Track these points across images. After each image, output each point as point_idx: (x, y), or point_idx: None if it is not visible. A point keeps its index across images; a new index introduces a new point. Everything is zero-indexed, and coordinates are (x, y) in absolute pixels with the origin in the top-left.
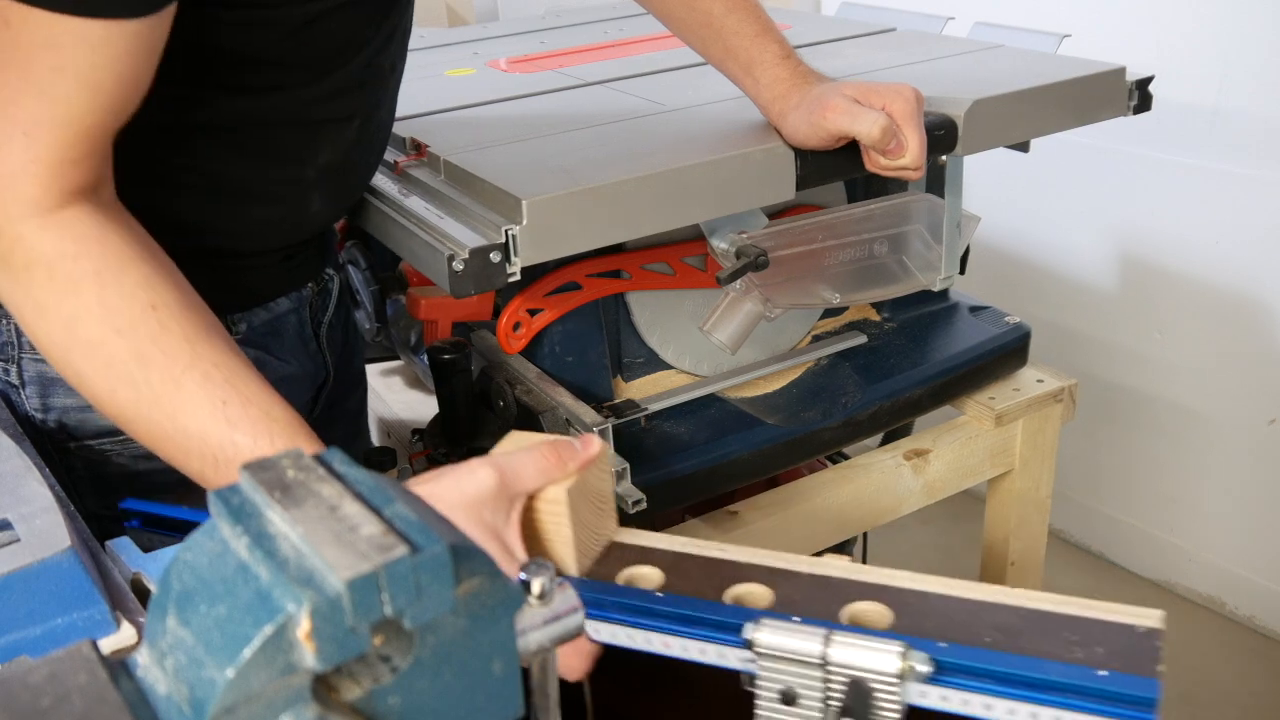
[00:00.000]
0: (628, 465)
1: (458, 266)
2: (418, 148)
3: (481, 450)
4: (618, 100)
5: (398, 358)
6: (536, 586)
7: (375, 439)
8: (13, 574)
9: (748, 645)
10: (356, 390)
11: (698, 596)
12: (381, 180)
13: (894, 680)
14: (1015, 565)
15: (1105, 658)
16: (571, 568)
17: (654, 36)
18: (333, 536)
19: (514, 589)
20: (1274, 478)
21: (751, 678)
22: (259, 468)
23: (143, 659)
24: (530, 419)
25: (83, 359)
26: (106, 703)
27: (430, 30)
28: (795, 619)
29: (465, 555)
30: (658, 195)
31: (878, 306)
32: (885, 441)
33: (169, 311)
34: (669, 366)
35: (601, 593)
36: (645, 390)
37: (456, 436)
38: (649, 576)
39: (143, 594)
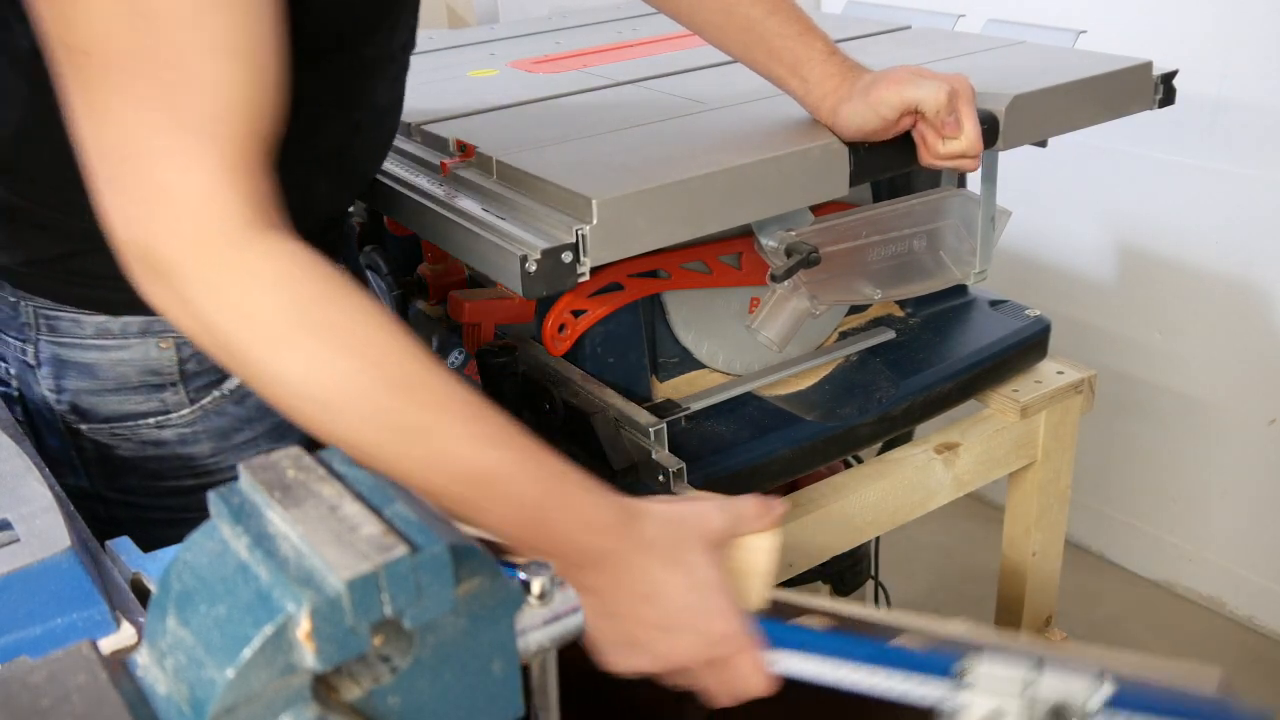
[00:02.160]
0: (684, 465)
1: (530, 268)
2: (464, 149)
3: None
4: (655, 99)
5: None
6: (536, 586)
7: None
8: (13, 574)
9: (959, 675)
10: None
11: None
12: (426, 182)
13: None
14: (1037, 556)
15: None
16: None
17: (671, 36)
18: (333, 536)
19: (514, 589)
20: (1274, 478)
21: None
22: (259, 468)
23: (143, 659)
24: (579, 421)
25: (330, 391)
26: (106, 703)
27: (437, 31)
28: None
29: (465, 555)
30: (721, 193)
31: (901, 302)
32: (886, 448)
33: (408, 337)
34: (702, 366)
35: (788, 630)
36: (680, 390)
37: None
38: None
39: (143, 594)
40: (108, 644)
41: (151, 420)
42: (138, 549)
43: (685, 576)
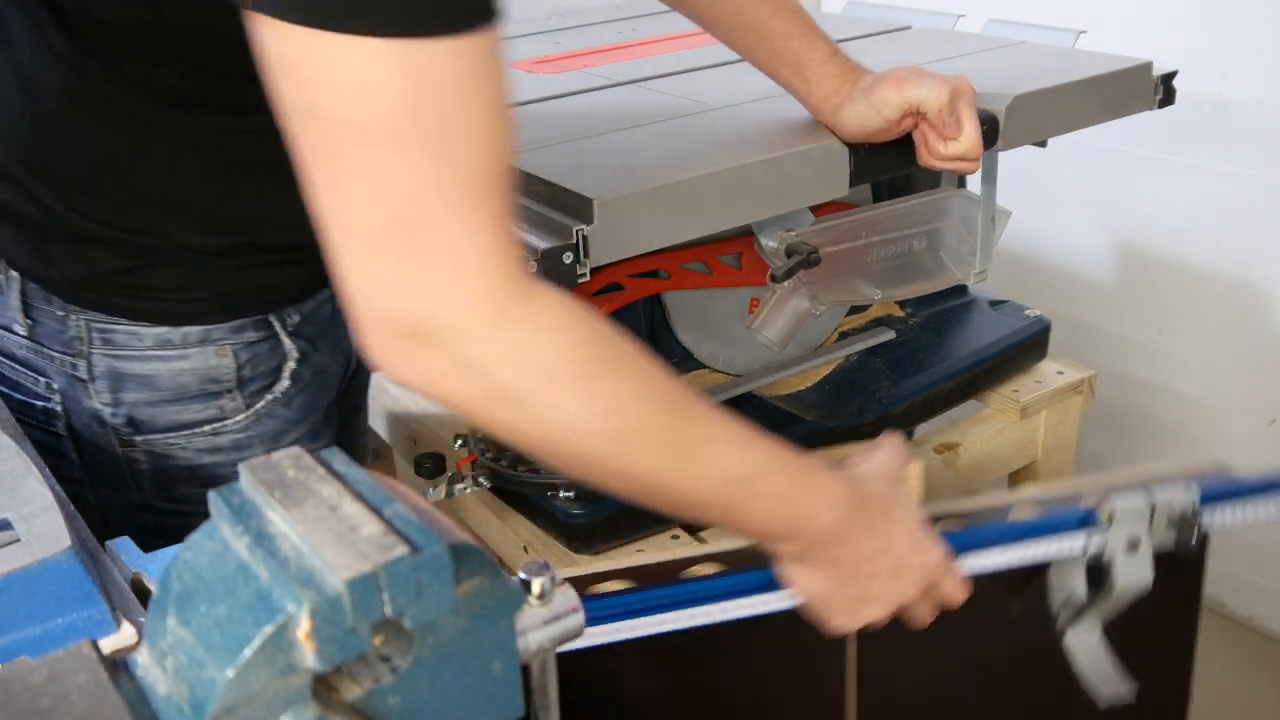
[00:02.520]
0: None
1: (531, 268)
2: None
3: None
4: (656, 100)
5: None
6: (536, 586)
7: (394, 443)
8: (13, 574)
9: (1107, 519)
10: (365, 384)
11: None
12: None
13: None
14: None
15: None
16: None
17: (672, 36)
18: (333, 536)
19: (514, 589)
20: None
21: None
22: (259, 468)
23: (143, 659)
24: None
25: (619, 423)
26: (106, 703)
27: None
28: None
29: (465, 555)
30: (722, 193)
31: (901, 302)
32: None
33: (653, 355)
34: (702, 366)
35: (959, 537)
36: None
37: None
38: None
39: (143, 594)
40: (108, 644)
41: (208, 428)
42: (138, 549)
43: (901, 522)
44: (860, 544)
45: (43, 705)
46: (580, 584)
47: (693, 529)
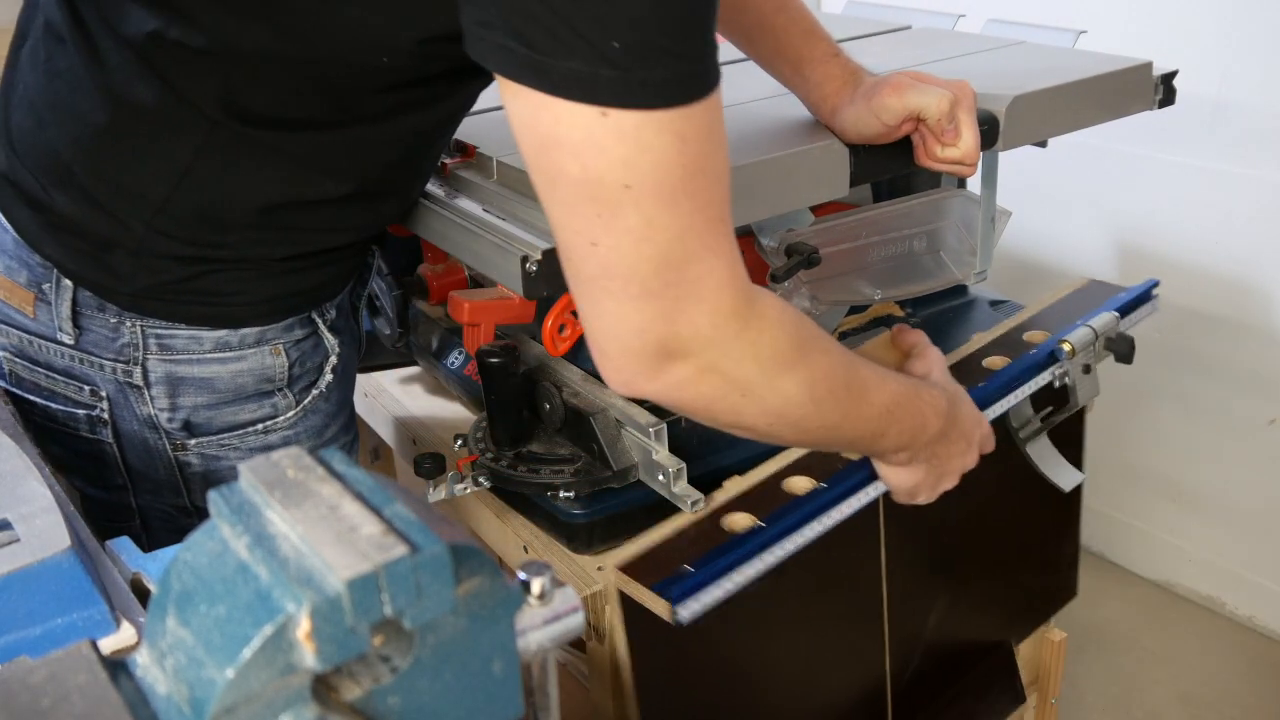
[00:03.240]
0: (684, 465)
1: (531, 269)
2: (464, 149)
3: (531, 454)
4: None
5: (414, 364)
6: (536, 586)
7: (394, 444)
8: (13, 574)
9: (1069, 354)
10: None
11: None
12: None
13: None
14: None
15: None
16: None
17: None
18: (333, 536)
19: (514, 589)
20: (1274, 478)
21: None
22: (259, 468)
23: (143, 659)
24: (580, 421)
25: (827, 388)
26: (106, 703)
27: None
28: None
29: (465, 555)
30: None
31: (901, 302)
32: None
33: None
34: None
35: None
36: None
37: (505, 440)
38: None
39: (143, 594)
40: (108, 644)
41: (260, 426)
42: (138, 549)
43: (965, 404)
44: (952, 436)
45: (43, 705)
46: (705, 525)
47: None
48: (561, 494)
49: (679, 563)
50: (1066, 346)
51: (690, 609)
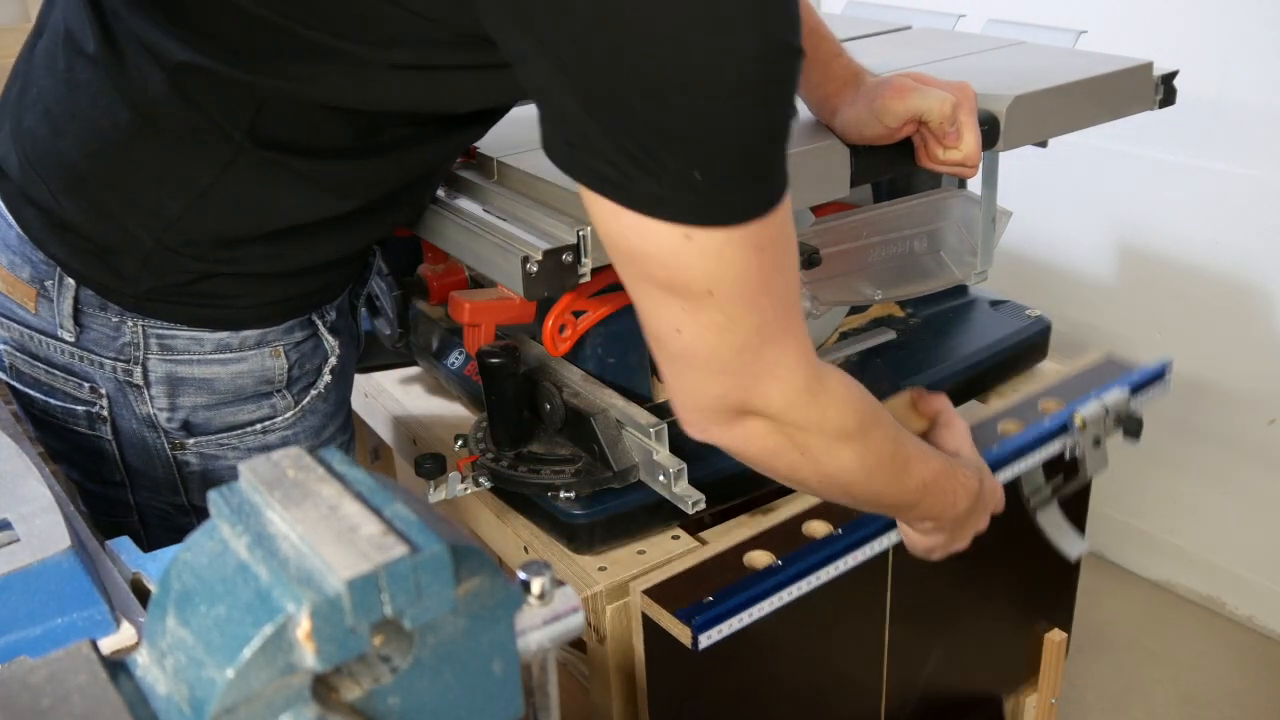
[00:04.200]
0: (684, 466)
1: (532, 269)
2: (465, 149)
3: (532, 454)
4: None
5: (414, 364)
6: (536, 586)
7: (394, 444)
8: (13, 574)
9: (1080, 427)
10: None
11: None
12: None
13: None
14: None
15: None
16: None
17: None
18: (333, 536)
19: (514, 589)
20: (1274, 478)
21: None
22: (259, 467)
23: (143, 659)
24: (580, 421)
25: (880, 459)
26: (106, 703)
27: None
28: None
29: (465, 555)
30: None
31: (902, 303)
32: None
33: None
34: None
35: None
36: None
37: (505, 440)
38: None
39: (143, 594)
40: (108, 644)
41: (259, 427)
42: (138, 549)
43: (989, 479)
44: (976, 509)
45: (43, 705)
46: (729, 558)
47: (692, 530)
48: (562, 494)
49: (702, 592)
50: (1078, 419)
51: (710, 637)
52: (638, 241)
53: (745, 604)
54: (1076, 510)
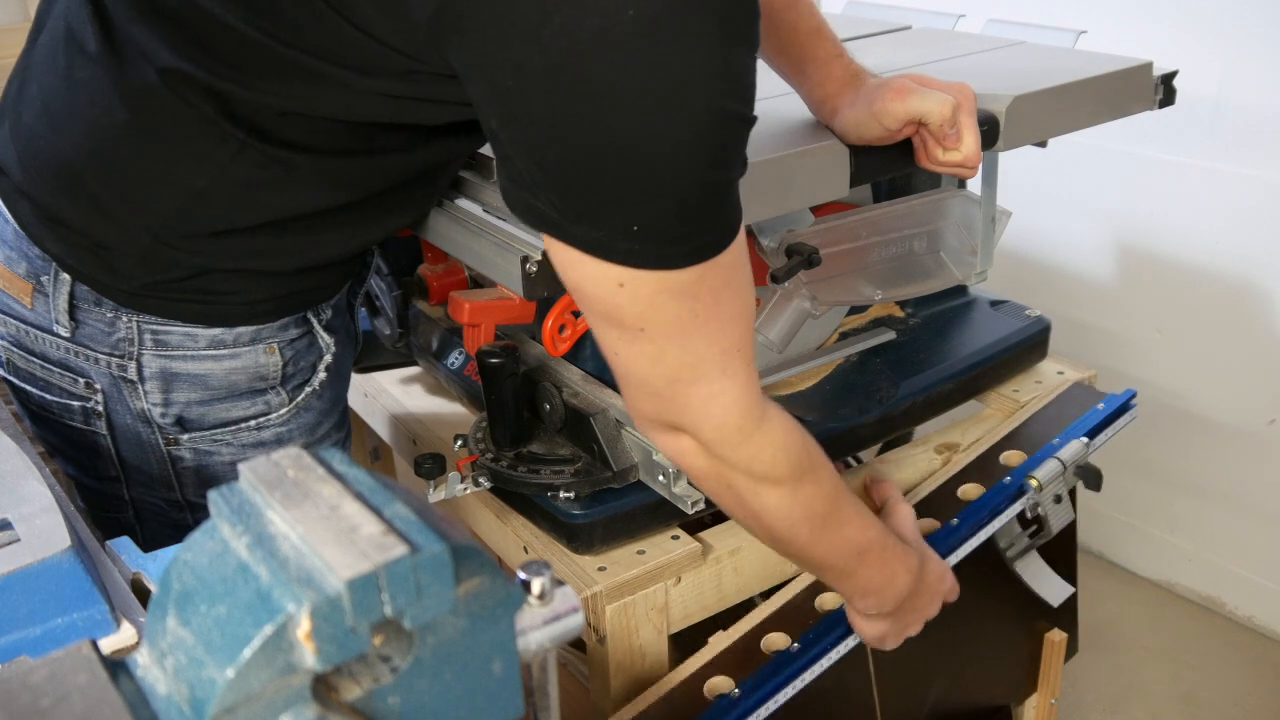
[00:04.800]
0: None
1: (531, 269)
2: None
3: (532, 454)
4: None
5: (414, 364)
6: (536, 586)
7: (394, 443)
8: (13, 574)
9: (1036, 489)
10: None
11: None
12: None
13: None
14: None
15: None
16: None
17: None
18: (333, 536)
19: (514, 589)
20: (1274, 478)
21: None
22: (259, 467)
23: (143, 659)
24: (580, 421)
25: (805, 511)
26: (106, 703)
27: None
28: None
29: (465, 555)
30: None
31: (901, 303)
32: (886, 448)
33: (816, 447)
34: None
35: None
36: None
37: (505, 440)
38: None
39: (143, 594)
40: (108, 644)
41: (253, 423)
42: (138, 549)
43: (932, 563)
44: (920, 591)
45: (43, 705)
46: (689, 685)
47: (691, 530)
48: (561, 494)
49: None
50: (1034, 482)
51: None
52: (575, 277)
53: None
54: (1064, 546)
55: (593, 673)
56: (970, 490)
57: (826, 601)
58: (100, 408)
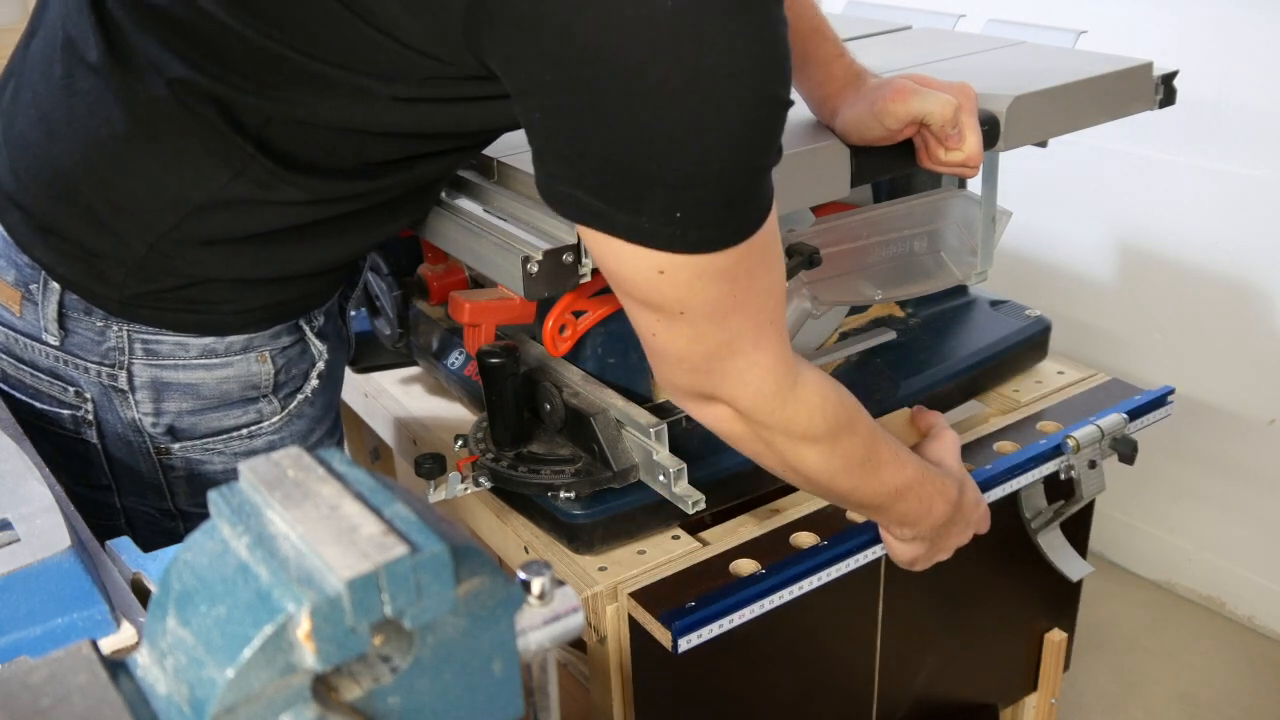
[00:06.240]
0: (684, 465)
1: (532, 269)
2: None
3: (532, 454)
4: None
5: (414, 364)
6: (537, 586)
7: (394, 444)
8: (13, 574)
9: (1074, 449)
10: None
11: None
12: None
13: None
14: None
15: None
16: None
17: None
18: (333, 536)
19: (514, 589)
20: (1274, 478)
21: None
22: (259, 468)
23: (143, 659)
24: (580, 421)
25: (848, 462)
26: (106, 703)
27: None
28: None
29: (465, 555)
30: None
31: (902, 303)
32: None
33: (850, 396)
34: None
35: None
36: None
37: (505, 440)
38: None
39: (143, 594)
40: (108, 644)
41: (244, 431)
42: (138, 549)
43: (969, 489)
44: (956, 519)
45: (43, 705)
46: (714, 566)
47: (692, 530)
48: (562, 494)
49: (686, 597)
50: (1072, 442)
51: (690, 641)
52: (615, 265)
53: (727, 610)
54: (1079, 529)
55: (593, 673)
56: (1006, 447)
57: (858, 515)
58: (90, 416)
